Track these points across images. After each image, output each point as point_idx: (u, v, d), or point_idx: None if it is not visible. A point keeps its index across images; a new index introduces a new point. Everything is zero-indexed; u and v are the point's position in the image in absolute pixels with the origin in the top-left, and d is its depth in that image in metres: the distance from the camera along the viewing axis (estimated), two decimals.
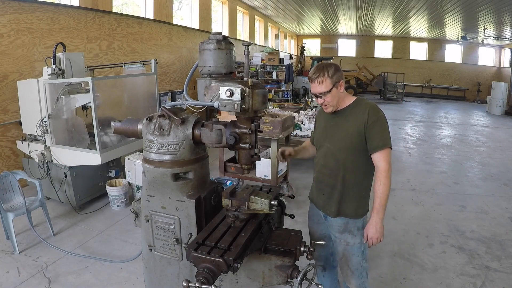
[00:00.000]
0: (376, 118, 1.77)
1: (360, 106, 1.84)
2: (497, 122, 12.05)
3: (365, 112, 1.78)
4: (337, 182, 1.86)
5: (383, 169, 1.76)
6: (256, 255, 1.43)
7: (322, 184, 1.95)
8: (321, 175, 1.95)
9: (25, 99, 4.05)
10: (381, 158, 1.76)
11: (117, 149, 4.00)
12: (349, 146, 1.81)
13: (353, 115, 1.83)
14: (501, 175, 5.81)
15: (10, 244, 3.22)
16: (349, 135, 1.80)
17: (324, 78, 1.75)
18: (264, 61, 11.86)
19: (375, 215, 1.79)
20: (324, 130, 1.95)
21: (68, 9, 5.47)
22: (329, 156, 1.89)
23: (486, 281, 2.85)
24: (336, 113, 1.89)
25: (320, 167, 1.96)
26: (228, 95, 1.32)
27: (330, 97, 1.79)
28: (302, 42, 21.45)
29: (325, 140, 1.92)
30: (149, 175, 1.53)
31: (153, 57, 5.52)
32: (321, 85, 1.76)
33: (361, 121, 1.77)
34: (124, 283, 2.76)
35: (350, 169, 1.84)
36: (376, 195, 1.78)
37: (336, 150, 1.85)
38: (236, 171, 4.23)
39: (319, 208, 2.00)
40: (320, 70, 1.77)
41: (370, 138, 1.76)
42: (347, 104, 1.87)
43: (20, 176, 3.45)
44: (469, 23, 14.05)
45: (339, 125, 1.87)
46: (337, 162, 1.85)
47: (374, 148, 1.76)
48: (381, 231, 1.80)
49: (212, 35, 1.57)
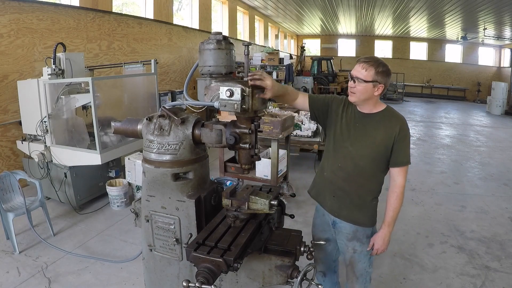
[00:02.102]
0: (405, 134, 1.73)
1: (392, 116, 1.76)
2: (497, 122, 12.05)
3: (396, 125, 1.72)
4: (352, 188, 1.80)
5: (400, 184, 1.76)
6: (256, 255, 1.43)
7: (334, 186, 1.85)
8: (335, 177, 1.84)
9: (25, 99, 4.04)
10: (401, 173, 1.75)
11: (117, 149, 4.00)
12: (373, 155, 1.74)
13: (383, 123, 1.74)
14: (501, 175, 5.81)
15: (10, 244, 3.22)
16: (376, 143, 1.73)
17: (371, 68, 1.64)
18: (264, 61, 11.85)
19: (386, 227, 1.79)
20: (346, 129, 1.80)
21: (68, 9, 5.47)
22: (348, 160, 1.78)
23: (486, 281, 2.85)
24: (363, 115, 1.78)
25: (336, 169, 1.83)
26: (228, 95, 1.32)
27: (362, 88, 1.66)
28: (302, 42, 21.45)
29: (346, 141, 1.79)
30: (149, 175, 1.53)
31: (153, 57, 5.52)
32: (363, 71, 1.65)
33: (391, 133, 1.71)
34: (124, 283, 2.76)
35: (368, 177, 1.79)
36: (390, 208, 1.77)
37: (357, 155, 1.76)
38: (236, 171, 4.23)
39: (325, 207, 1.92)
40: (373, 60, 1.67)
41: (396, 152, 1.72)
42: (378, 110, 1.77)
43: (20, 176, 3.45)
44: (469, 23, 14.05)
45: (366, 130, 1.76)
46: (356, 168, 1.77)
47: (397, 163, 1.74)
48: (387, 243, 1.82)
49: (212, 35, 1.57)
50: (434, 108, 15.31)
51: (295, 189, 4.69)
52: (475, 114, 13.94)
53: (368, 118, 1.77)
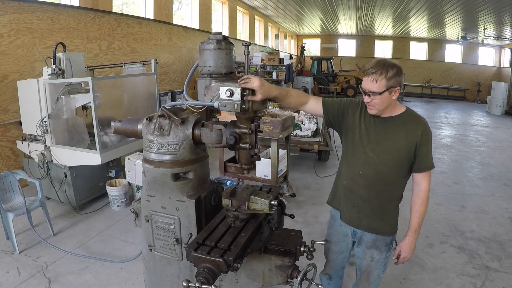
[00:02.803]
0: (427, 137, 1.66)
1: (413, 119, 1.68)
2: (497, 122, 12.05)
3: (418, 128, 1.64)
4: (373, 196, 1.72)
5: (426, 189, 1.71)
6: (256, 255, 1.43)
7: (354, 195, 1.76)
8: (355, 185, 1.75)
9: (25, 99, 4.04)
10: (426, 178, 1.70)
11: (117, 149, 4.00)
12: (395, 160, 1.66)
13: (405, 127, 1.66)
14: (501, 175, 5.81)
15: (10, 244, 3.22)
16: (398, 149, 1.65)
17: (381, 77, 1.55)
18: (264, 61, 11.86)
19: (412, 234, 1.75)
20: (366, 134, 1.71)
21: (68, 9, 5.47)
22: (369, 167, 1.69)
23: (486, 281, 2.85)
24: (383, 119, 1.69)
25: (356, 176, 1.74)
26: (228, 95, 1.32)
27: (379, 100, 1.58)
28: (302, 42, 21.46)
29: (366, 146, 1.70)
30: (149, 175, 1.53)
31: (153, 57, 5.52)
32: (373, 84, 1.55)
33: (414, 137, 1.63)
34: (124, 283, 2.76)
35: (390, 184, 1.72)
36: (416, 215, 1.73)
37: (379, 162, 1.67)
38: (236, 171, 4.23)
39: (344, 219, 1.84)
40: (379, 67, 1.56)
41: (419, 157, 1.65)
42: (398, 113, 1.69)
43: (20, 176, 3.45)
44: (469, 23, 14.05)
45: (387, 135, 1.67)
46: (378, 175, 1.69)
47: (422, 168, 1.68)
48: (413, 250, 1.79)
49: (212, 35, 1.57)
50: (434, 108, 15.31)
51: (295, 189, 4.69)
52: (475, 114, 13.94)
53: (388, 122, 1.68)
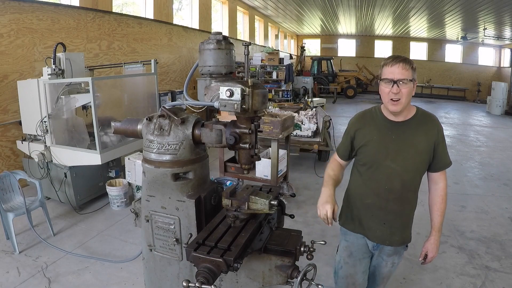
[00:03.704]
0: (442, 134, 1.64)
1: (427, 118, 1.65)
2: (497, 122, 12.04)
3: (434, 126, 1.62)
4: (404, 207, 1.69)
5: (444, 187, 1.72)
6: (256, 255, 1.43)
7: (384, 211, 1.68)
8: (383, 201, 1.67)
9: (25, 99, 4.05)
10: (443, 175, 1.70)
11: (117, 149, 4.00)
12: (418, 166, 1.63)
13: (422, 128, 1.61)
14: (501, 175, 5.81)
15: (10, 244, 3.22)
16: (419, 153, 1.61)
17: (409, 65, 1.54)
18: (264, 61, 11.86)
19: (436, 233, 1.75)
20: (383, 146, 1.64)
21: (68, 9, 5.47)
22: (394, 178, 1.63)
23: (486, 281, 2.85)
24: (398, 125, 1.63)
25: (382, 192, 1.66)
26: (228, 95, 1.32)
27: (409, 89, 1.53)
28: (302, 42, 21.46)
29: (386, 159, 1.63)
30: (149, 175, 1.53)
31: (153, 57, 5.53)
32: (404, 71, 1.52)
33: (432, 137, 1.60)
34: (124, 283, 2.76)
35: (414, 190, 1.70)
36: (438, 213, 1.73)
37: (402, 171, 1.62)
38: (236, 171, 4.23)
39: (375, 239, 1.75)
40: (403, 57, 1.56)
41: (439, 155, 1.63)
42: (411, 114, 1.64)
43: (20, 176, 3.45)
44: (469, 23, 14.06)
45: (406, 141, 1.61)
46: (404, 184, 1.64)
47: (441, 167, 1.67)
48: (438, 248, 1.78)
49: (212, 35, 1.57)
50: (434, 108, 15.30)
51: (295, 189, 4.69)
52: (475, 114, 13.94)
53: (404, 126, 1.62)
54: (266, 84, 11.46)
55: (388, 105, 1.58)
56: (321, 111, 6.47)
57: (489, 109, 14.45)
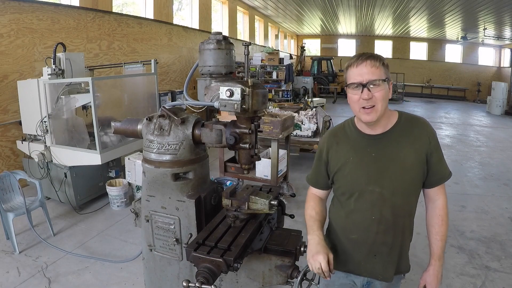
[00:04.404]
0: (436, 141, 1.34)
1: (413, 123, 1.35)
2: (497, 122, 12.04)
3: (423, 133, 1.32)
4: (397, 237, 1.39)
5: (444, 205, 1.41)
6: (256, 255, 1.43)
7: (374, 245, 1.39)
8: (372, 235, 1.38)
9: (25, 99, 4.05)
10: (442, 191, 1.40)
11: (117, 149, 4.00)
12: (409, 186, 1.33)
13: (408, 137, 1.32)
14: (501, 175, 5.81)
15: (10, 244, 3.22)
16: (407, 170, 1.31)
17: (378, 63, 1.25)
18: (264, 61, 11.86)
19: (437, 262, 1.42)
20: (362, 168, 1.35)
21: (68, 9, 5.47)
22: (382, 206, 1.34)
23: (486, 281, 2.85)
24: (376, 138, 1.34)
25: (369, 224, 1.37)
26: (228, 95, 1.32)
27: (384, 92, 1.24)
28: (302, 42, 21.45)
29: (368, 182, 1.34)
30: (149, 175, 1.53)
31: (153, 57, 5.53)
32: (374, 70, 1.23)
33: (422, 147, 1.31)
34: (124, 283, 2.76)
35: (409, 213, 1.40)
36: (437, 238, 1.41)
37: (391, 195, 1.32)
38: (236, 171, 4.23)
39: (365, 273, 1.46)
40: (369, 54, 1.28)
41: (433, 167, 1.34)
42: (393, 122, 1.34)
43: (20, 176, 3.45)
44: (469, 23, 14.05)
45: (389, 156, 1.32)
46: (395, 211, 1.34)
47: (437, 180, 1.37)
48: (441, 280, 1.45)
49: (212, 35, 1.57)
50: (434, 108, 15.30)
51: (295, 189, 4.69)
52: (475, 114, 13.94)
53: (384, 139, 1.33)
54: (266, 84, 11.46)
55: (361, 115, 1.28)
56: (321, 111, 6.47)
57: (489, 109, 14.45)
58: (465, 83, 19.77)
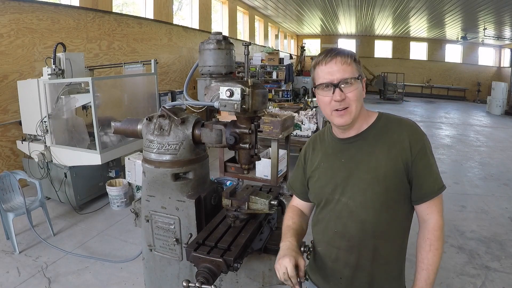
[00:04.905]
0: (422, 144, 1.13)
1: (393, 125, 1.18)
2: (497, 122, 12.04)
3: (403, 135, 1.14)
4: (365, 260, 1.18)
5: (436, 226, 1.16)
6: (256, 255, 1.43)
7: (338, 263, 1.23)
8: (334, 250, 1.23)
9: (25, 99, 4.05)
10: (434, 208, 1.16)
11: (117, 149, 4.00)
12: (381, 199, 1.13)
13: (383, 141, 1.15)
14: (501, 175, 5.81)
15: (10, 244, 3.22)
16: (380, 179, 1.12)
17: (349, 59, 1.12)
18: (264, 61, 11.86)
19: None
20: (329, 174, 1.23)
21: (68, 9, 5.47)
22: (347, 219, 1.18)
23: (486, 281, 2.85)
24: (348, 142, 1.21)
25: (332, 238, 1.23)
26: (228, 95, 1.32)
27: (357, 92, 1.12)
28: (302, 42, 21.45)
29: (335, 190, 1.20)
30: (149, 175, 1.53)
31: (153, 57, 5.53)
32: (346, 67, 1.11)
33: (400, 152, 1.12)
34: (124, 283, 2.76)
35: (385, 235, 1.16)
36: (422, 266, 1.14)
37: (358, 207, 1.15)
38: (236, 171, 4.23)
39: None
40: (339, 49, 1.15)
41: (418, 178, 1.13)
42: (369, 123, 1.20)
43: (20, 176, 3.45)
44: (469, 23, 14.05)
45: (359, 162, 1.17)
46: (364, 228, 1.16)
47: (424, 195, 1.14)
48: None
49: (212, 35, 1.57)
50: (434, 108, 15.30)
51: None
52: (475, 114, 13.94)
53: (357, 142, 1.19)
54: (266, 84, 11.46)
55: (333, 118, 1.16)
56: (321, 111, 6.47)
57: (489, 109, 14.46)
58: (465, 83, 19.77)
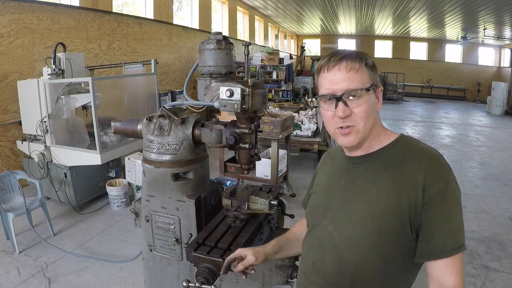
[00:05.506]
0: (443, 186, 0.87)
1: (409, 151, 0.94)
2: (497, 122, 12.04)
3: (418, 168, 0.89)
4: None
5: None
6: None
7: None
8: (308, 284, 1.05)
9: (25, 99, 4.05)
10: (451, 269, 0.90)
11: (117, 149, 4.00)
12: (373, 239, 0.90)
13: (392, 169, 0.92)
14: (501, 175, 5.81)
15: (10, 244, 3.22)
16: (377, 214, 0.90)
17: (357, 65, 0.91)
18: (264, 61, 11.86)
19: None
20: (326, 194, 1.07)
21: (68, 9, 5.47)
22: (327, 252, 0.98)
23: (486, 281, 2.85)
24: (352, 162, 1.02)
25: (309, 269, 1.05)
26: (228, 95, 1.32)
27: (366, 107, 0.91)
28: (302, 42, 21.45)
29: (324, 215, 1.03)
30: (149, 175, 1.53)
31: (153, 57, 5.53)
32: (353, 74, 0.90)
33: (409, 187, 0.88)
34: (124, 283, 2.76)
35: (369, 285, 0.94)
36: None
37: (343, 242, 0.95)
38: (236, 171, 4.23)
39: None
40: (346, 53, 0.93)
41: (426, 229, 0.88)
42: (383, 144, 0.98)
43: (20, 176, 3.45)
44: (469, 23, 14.05)
45: (357, 188, 0.97)
46: (341, 268, 0.95)
47: (437, 252, 0.89)
48: None
49: (212, 35, 1.57)
50: (434, 108, 15.30)
51: (295, 189, 4.69)
52: (475, 114, 13.94)
53: (362, 165, 0.99)
54: (266, 84, 11.46)
55: (337, 136, 0.97)
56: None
57: (489, 109, 14.46)
58: (465, 83, 19.77)
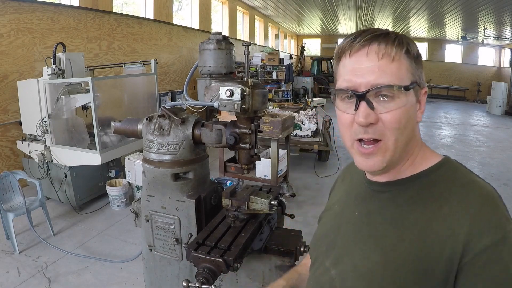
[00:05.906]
0: (497, 239, 0.60)
1: (452, 184, 0.72)
2: (497, 122, 12.04)
3: (461, 210, 0.65)
4: None
5: None
6: (256, 255, 1.43)
7: None
8: None
9: (25, 99, 4.05)
10: None
11: (117, 149, 4.01)
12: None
13: (425, 205, 0.69)
14: (501, 175, 5.81)
15: (10, 244, 3.22)
16: (391, 269, 0.67)
17: (398, 51, 0.69)
18: (264, 61, 11.86)
19: None
20: (335, 222, 0.87)
21: (68, 9, 5.47)
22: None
23: None
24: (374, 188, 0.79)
25: None
26: (228, 95, 1.32)
27: (401, 113, 0.68)
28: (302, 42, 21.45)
29: (328, 252, 0.83)
30: (149, 175, 1.53)
31: (153, 57, 5.53)
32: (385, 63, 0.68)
33: (444, 237, 0.63)
34: (124, 283, 2.76)
35: None
36: None
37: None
38: (236, 171, 4.23)
39: None
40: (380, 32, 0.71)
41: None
42: (418, 169, 0.75)
43: (20, 176, 3.45)
44: (469, 23, 14.06)
45: (376, 227, 0.74)
46: None
47: None
48: None
49: (212, 35, 1.57)
50: (434, 108, 15.30)
51: (295, 189, 4.69)
52: (475, 114, 13.94)
53: (384, 193, 0.76)
54: (266, 84, 11.46)
55: (354, 154, 0.74)
56: (321, 111, 6.48)
57: (489, 109, 14.46)
58: (465, 83, 19.78)
